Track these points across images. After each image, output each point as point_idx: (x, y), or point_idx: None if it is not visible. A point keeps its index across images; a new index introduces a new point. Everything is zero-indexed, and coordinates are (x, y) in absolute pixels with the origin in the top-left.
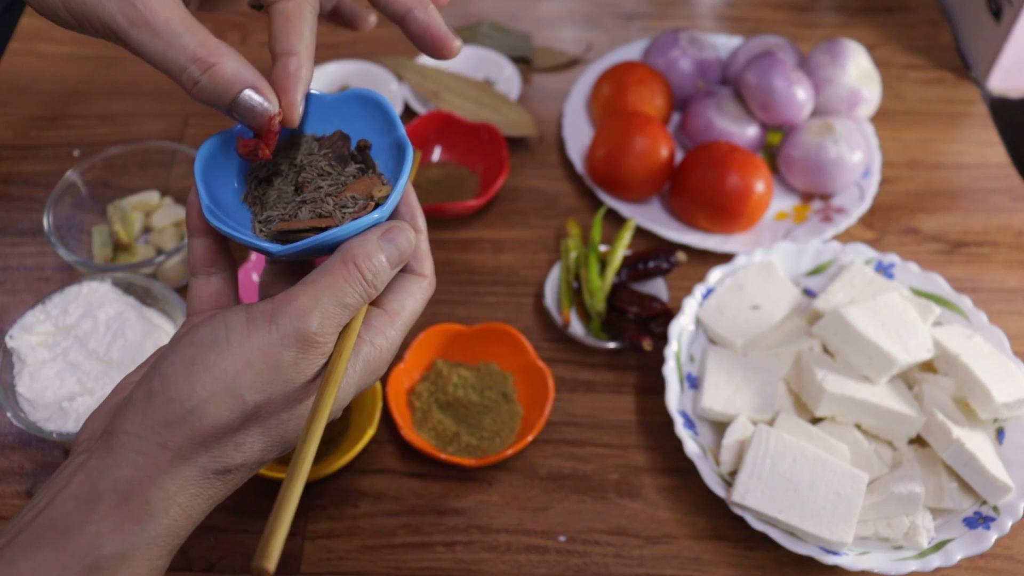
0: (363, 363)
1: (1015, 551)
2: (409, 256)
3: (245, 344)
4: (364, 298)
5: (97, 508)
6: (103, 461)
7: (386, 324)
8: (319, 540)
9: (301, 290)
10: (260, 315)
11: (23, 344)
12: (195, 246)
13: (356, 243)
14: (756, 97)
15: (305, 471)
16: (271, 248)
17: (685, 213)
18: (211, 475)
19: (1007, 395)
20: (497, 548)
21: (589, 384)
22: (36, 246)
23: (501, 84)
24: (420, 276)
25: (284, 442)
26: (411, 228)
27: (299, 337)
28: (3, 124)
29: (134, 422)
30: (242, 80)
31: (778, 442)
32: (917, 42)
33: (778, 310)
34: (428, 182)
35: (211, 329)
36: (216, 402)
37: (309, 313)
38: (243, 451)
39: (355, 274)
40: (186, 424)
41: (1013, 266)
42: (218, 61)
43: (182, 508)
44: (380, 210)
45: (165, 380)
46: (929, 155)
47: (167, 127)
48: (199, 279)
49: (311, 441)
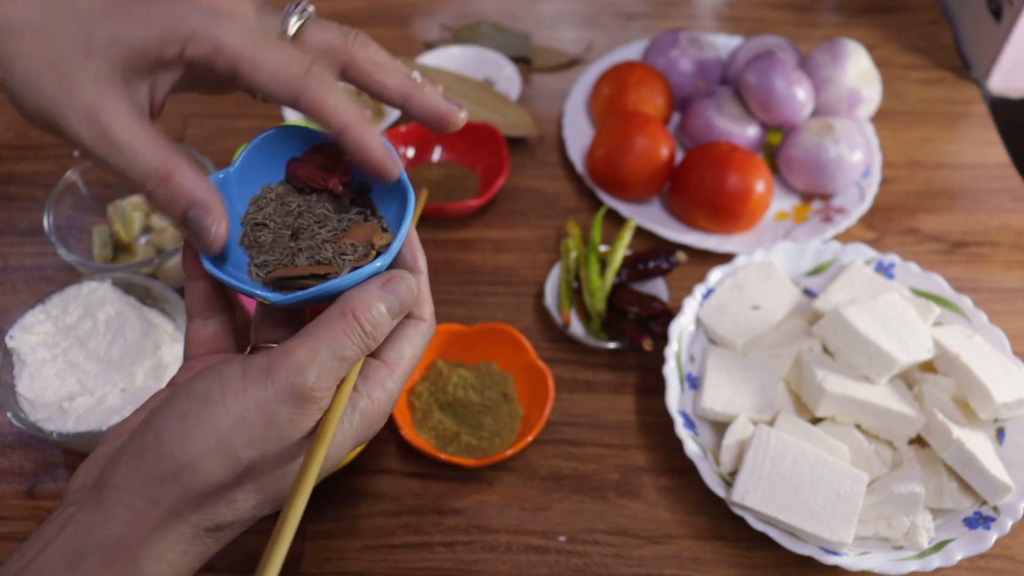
0: (360, 418)
1: (1015, 551)
2: (411, 306)
3: (240, 399)
4: (363, 351)
5: (84, 563)
6: (92, 516)
7: (384, 376)
8: (319, 540)
9: (298, 343)
10: (256, 370)
11: (23, 344)
12: (192, 290)
13: (356, 294)
14: (756, 97)
15: (292, 530)
16: (270, 297)
17: (685, 213)
18: (202, 532)
19: (1007, 395)
20: (497, 548)
21: (589, 384)
22: (36, 246)
23: (501, 84)
24: (419, 320)
25: (277, 499)
26: (412, 277)
27: (295, 393)
28: (3, 124)
29: (126, 476)
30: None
31: (778, 442)
32: (917, 42)
33: (778, 310)
34: (428, 182)
35: (206, 384)
36: (209, 459)
37: (306, 368)
38: (235, 508)
39: (354, 326)
40: (178, 481)
41: (1013, 266)
42: (171, 175)
43: (171, 566)
44: (381, 259)
45: (159, 434)
46: (929, 155)
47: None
48: (196, 322)
49: (299, 500)
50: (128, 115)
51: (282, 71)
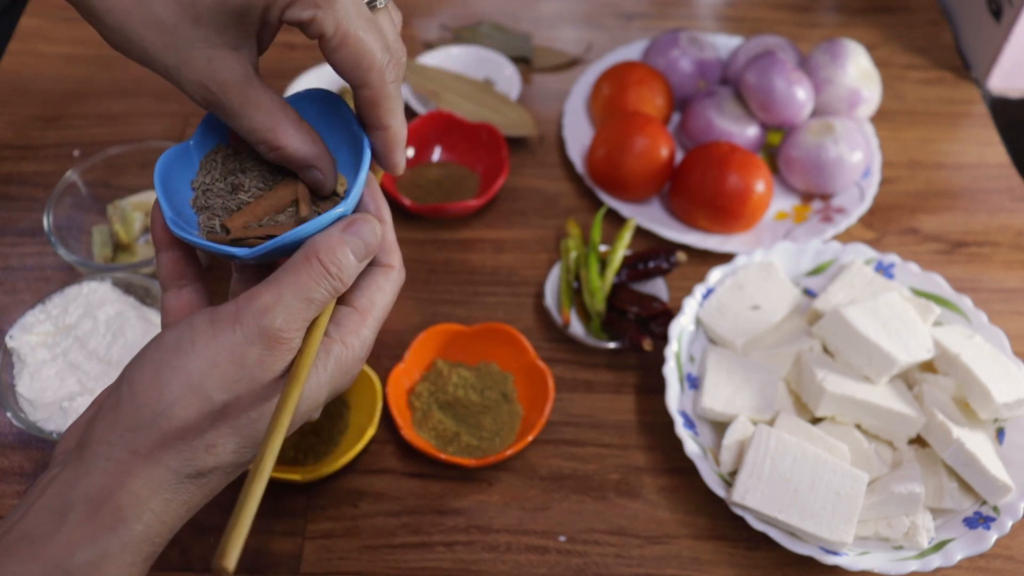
0: (335, 362)
1: (1015, 551)
2: (376, 249)
3: (210, 345)
4: (331, 293)
5: (68, 517)
6: (75, 472)
7: (357, 322)
8: (319, 540)
9: (264, 288)
10: (224, 316)
11: (23, 344)
12: (163, 260)
13: (319, 238)
14: (756, 97)
15: (268, 468)
16: (237, 252)
17: (685, 213)
18: (184, 479)
19: (1007, 395)
20: (497, 548)
21: (589, 384)
22: (36, 246)
23: (501, 84)
24: (388, 267)
25: (256, 442)
26: (375, 219)
27: (263, 334)
28: (3, 124)
29: (104, 431)
30: (302, 159)
31: (778, 442)
32: (917, 42)
33: (778, 310)
34: (428, 182)
35: (176, 333)
36: (184, 404)
37: (272, 309)
38: (215, 453)
39: (318, 269)
40: (155, 427)
41: (1013, 266)
42: (284, 144)
43: (155, 514)
44: (344, 204)
45: (133, 386)
46: (929, 155)
47: (167, 127)
48: (171, 292)
49: (275, 438)
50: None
51: (368, 55)
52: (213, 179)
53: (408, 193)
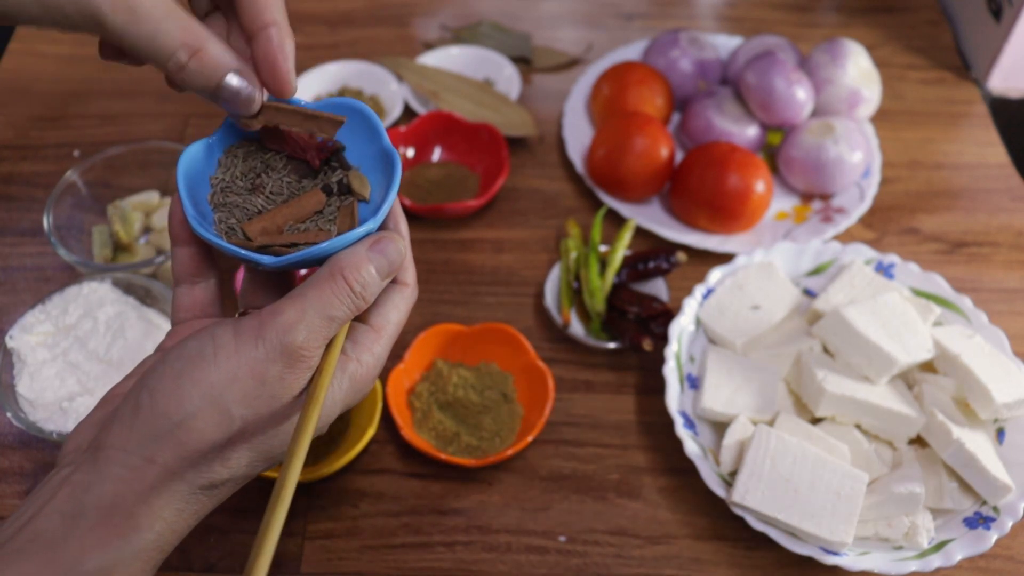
0: (350, 381)
1: (1015, 551)
2: (399, 268)
3: (232, 359)
4: (352, 311)
5: (81, 522)
6: (88, 475)
7: (372, 340)
8: (319, 540)
9: (287, 304)
10: (247, 330)
11: (23, 344)
12: (179, 255)
13: (345, 255)
14: (756, 97)
15: (290, 493)
16: (262, 259)
17: (685, 213)
18: (197, 490)
19: (1007, 395)
20: (497, 548)
21: (589, 384)
22: (36, 246)
23: (501, 84)
24: (403, 285)
25: (270, 458)
26: (400, 238)
27: (285, 351)
28: (3, 124)
29: (120, 436)
30: (225, 64)
31: (778, 442)
32: (917, 42)
33: (778, 310)
34: (428, 182)
35: (199, 343)
36: (203, 417)
37: (295, 327)
38: (229, 467)
39: (343, 287)
40: (173, 439)
41: (1013, 266)
42: (203, 46)
43: (167, 523)
44: (371, 221)
45: (153, 394)
46: (929, 155)
47: (167, 127)
48: (183, 288)
49: (295, 462)
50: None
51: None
52: (233, 176)
53: (408, 193)
